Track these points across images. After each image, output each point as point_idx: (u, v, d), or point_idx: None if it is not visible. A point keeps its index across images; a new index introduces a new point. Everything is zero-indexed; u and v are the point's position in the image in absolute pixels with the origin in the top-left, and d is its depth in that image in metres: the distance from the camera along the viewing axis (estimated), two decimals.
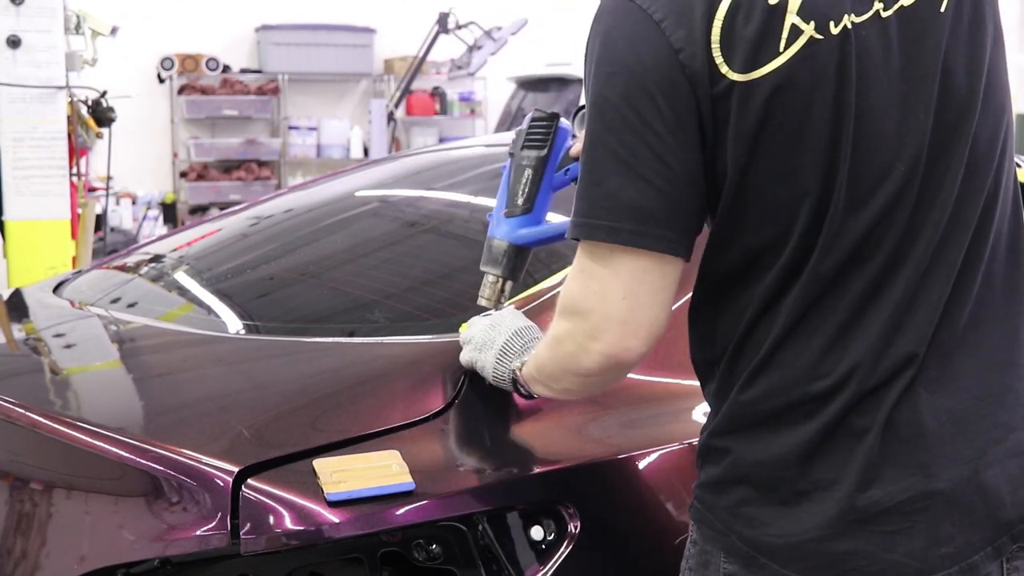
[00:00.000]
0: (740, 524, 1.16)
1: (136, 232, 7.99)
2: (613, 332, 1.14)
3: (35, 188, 4.28)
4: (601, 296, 1.13)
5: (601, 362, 1.16)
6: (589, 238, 1.13)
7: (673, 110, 1.09)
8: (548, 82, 7.86)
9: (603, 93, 1.12)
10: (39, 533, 1.48)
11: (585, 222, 1.13)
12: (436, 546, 1.34)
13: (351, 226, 2.37)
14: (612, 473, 1.49)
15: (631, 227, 1.10)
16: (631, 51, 1.10)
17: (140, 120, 8.59)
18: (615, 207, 1.11)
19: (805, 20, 1.09)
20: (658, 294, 1.13)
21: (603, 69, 1.13)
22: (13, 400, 1.56)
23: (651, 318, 1.14)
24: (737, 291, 1.17)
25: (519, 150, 1.55)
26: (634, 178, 1.10)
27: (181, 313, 2.08)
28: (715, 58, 1.08)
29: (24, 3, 4.17)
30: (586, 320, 1.15)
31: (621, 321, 1.13)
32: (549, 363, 1.28)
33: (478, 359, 1.46)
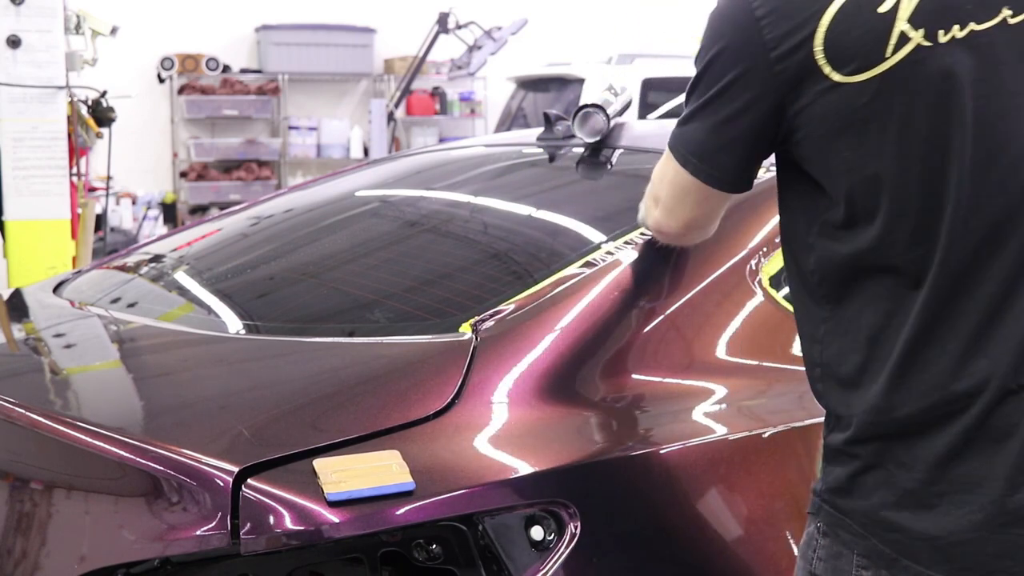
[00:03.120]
0: (880, 528, 1.19)
1: (136, 232, 8.00)
2: (663, 211, 1.44)
3: (35, 188, 4.28)
4: (661, 184, 1.43)
5: (653, 227, 1.50)
6: (672, 152, 1.37)
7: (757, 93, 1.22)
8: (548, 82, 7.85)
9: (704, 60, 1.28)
10: (39, 533, 1.48)
11: (673, 138, 1.36)
12: (436, 546, 1.34)
13: (351, 226, 2.37)
14: (612, 473, 1.49)
15: (694, 158, 1.32)
16: (730, 35, 1.24)
17: (140, 120, 8.60)
18: (691, 141, 1.32)
19: (915, 27, 1.15)
20: (694, 206, 1.39)
21: (707, 42, 1.28)
22: (13, 400, 1.56)
23: (686, 217, 1.42)
24: (857, 295, 1.22)
25: None
26: (709, 130, 1.29)
27: (181, 313, 2.08)
28: (817, 59, 1.17)
29: (24, 3, 4.17)
30: (654, 188, 1.47)
31: (667, 209, 1.43)
32: (641, 209, 1.61)
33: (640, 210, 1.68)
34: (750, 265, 1.84)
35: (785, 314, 1.86)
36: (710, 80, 1.26)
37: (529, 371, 1.58)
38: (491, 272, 1.98)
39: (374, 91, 9.94)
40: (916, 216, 1.16)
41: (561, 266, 1.80)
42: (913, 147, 1.15)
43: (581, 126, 2.27)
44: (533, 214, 2.22)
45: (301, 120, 9.77)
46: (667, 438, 1.59)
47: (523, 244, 2.09)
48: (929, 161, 1.15)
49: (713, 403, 1.68)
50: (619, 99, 2.38)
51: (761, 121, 1.24)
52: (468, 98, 10.26)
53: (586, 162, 2.32)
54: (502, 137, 3.52)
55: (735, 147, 1.28)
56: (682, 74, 7.25)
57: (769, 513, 1.62)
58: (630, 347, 1.68)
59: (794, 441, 1.70)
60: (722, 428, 1.65)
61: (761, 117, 1.23)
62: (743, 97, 1.23)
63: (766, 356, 1.81)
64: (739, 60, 1.22)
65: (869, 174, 1.17)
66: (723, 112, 1.25)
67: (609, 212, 2.13)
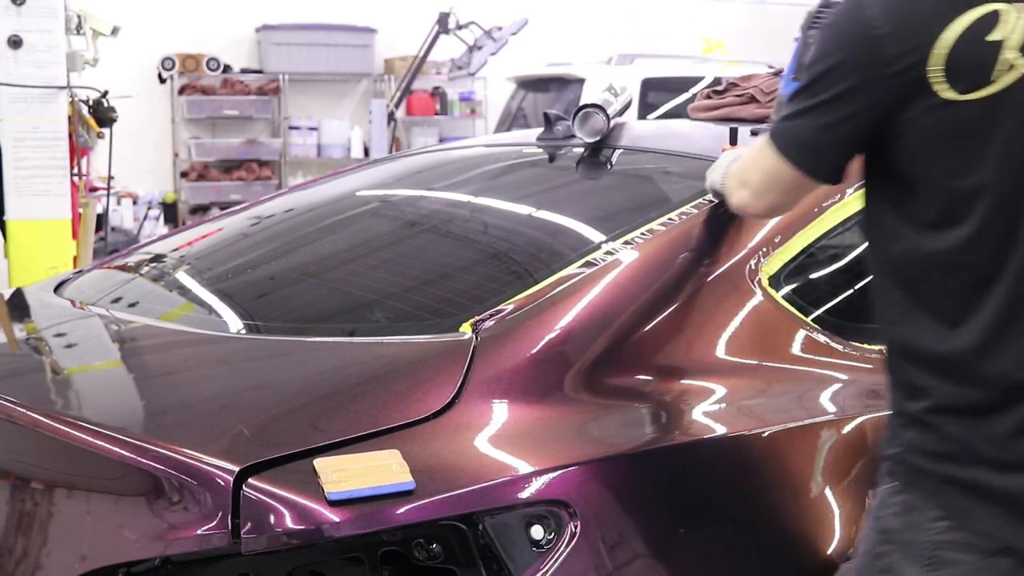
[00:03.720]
0: (957, 484, 1.36)
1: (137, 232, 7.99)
2: (749, 194, 1.58)
3: (36, 188, 4.28)
4: (753, 170, 1.56)
5: (737, 205, 1.64)
6: (771, 141, 1.50)
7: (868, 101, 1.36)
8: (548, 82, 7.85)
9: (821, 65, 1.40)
10: (40, 532, 1.49)
11: (776, 131, 1.49)
12: (436, 545, 1.34)
13: (351, 226, 2.37)
14: (612, 473, 1.49)
15: (795, 151, 1.46)
16: (848, 48, 1.37)
17: (141, 120, 8.59)
18: (796, 136, 1.46)
19: (1022, 55, 1.31)
20: (784, 192, 1.53)
21: (825, 49, 1.41)
22: (14, 400, 1.56)
23: (772, 202, 1.57)
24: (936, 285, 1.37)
25: (806, 29, 1.81)
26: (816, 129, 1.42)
27: (182, 313, 2.08)
28: (931, 78, 1.32)
29: (25, 3, 4.17)
30: (742, 173, 1.61)
31: (756, 193, 1.56)
32: (726, 182, 1.73)
33: (711, 179, 1.86)
34: (750, 265, 1.85)
35: (785, 314, 1.86)
36: (823, 86, 1.39)
37: (529, 371, 1.58)
38: (491, 272, 1.98)
39: (374, 91, 9.94)
40: (1004, 222, 1.33)
41: (561, 266, 1.81)
42: (1013, 161, 1.32)
43: (581, 126, 2.27)
44: (533, 214, 2.22)
45: (301, 120, 9.76)
46: (667, 438, 1.59)
47: (523, 244, 2.09)
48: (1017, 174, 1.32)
49: (713, 403, 1.69)
50: (619, 99, 2.39)
51: (866, 127, 1.39)
52: (468, 98, 10.25)
53: (586, 162, 2.32)
54: (502, 137, 3.53)
55: (838, 147, 1.43)
56: (682, 74, 7.27)
57: (768, 512, 1.63)
58: (630, 347, 1.68)
59: (794, 440, 1.70)
60: (722, 428, 1.66)
61: (867, 124, 1.38)
62: (853, 105, 1.37)
63: (766, 356, 1.81)
64: (855, 72, 1.36)
65: (969, 183, 1.33)
66: (832, 115, 1.39)
67: (609, 212, 2.14)
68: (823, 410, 1.78)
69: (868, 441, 1.78)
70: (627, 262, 1.78)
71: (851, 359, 1.91)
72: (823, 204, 2.00)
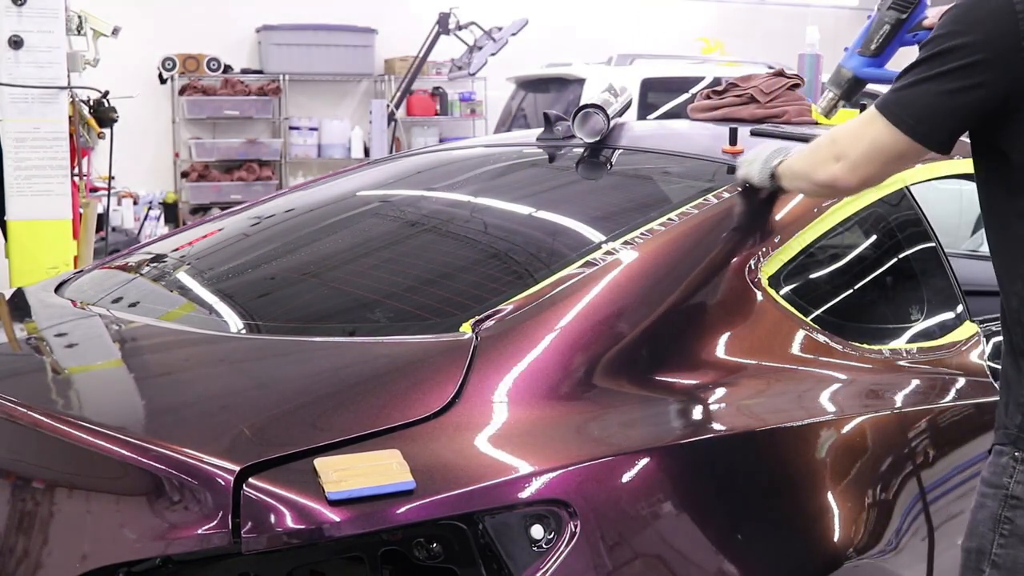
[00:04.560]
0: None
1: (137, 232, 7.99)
2: (846, 166, 1.65)
3: (37, 188, 4.29)
4: (855, 142, 1.64)
5: (826, 179, 1.69)
6: (882, 112, 1.58)
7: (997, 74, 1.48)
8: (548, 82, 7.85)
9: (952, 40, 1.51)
10: (41, 532, 1.49)
11: (889, 101, 1.58)
12: (436, 545, 1.34)
13: (352, 226, 2.37)
14: (612, 473, 1.49)
15: (911, 118, 1.55)
16: (986, 23, 1.48)
17: (142, 120, 8.59)
18: (914, 103, 1.55)
19: None
20: (885, 163, 1.62)
21: (958, 26, 1.51)
22: (15, 399, 1.56)
23: (870, 173, 1.64)
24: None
25: (886, 8, 1.95)
26: (940, 94, 1.52)
27: (182, 312, 2.08)
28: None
29: (26, 4, 4.17)
30: (837, 148, 1.67)
31: (853, 165, 1.64)
32: (799, 164, 1.81)
33: (748, 171, 1.93)
34: (750, 265, 1.85)
35: (785, 314, 1.87)
36: (954, 56, 1.50)
37: (529, 371, 1.59)
38: (491, 272, 1.98)
39: (375, 91, 9.94)
40: None
41: (561, 266, 1.81)
42: None
43: (581, 126, 2.27)
44: (533, 214, 2.22)
45: (302, 120, 9.77)
46: (666, 438, 1.59)
47: (523, 244, 2.09)
48: None
49: (713, 402, 1.69)
50: (619, 99, 2.39)
51: (991, 97, 1.49)
52: (468, 98, 10.25)
53: (586, 162, 2.32)
54: (502, 137, 3.53)
55: (956, 113, 1.52)
56: (681, 74, 7.27)
57: (768, 512, 1.63)
58: (630, 347, 1.68)
59: (793, 440, 1.70)
60: (721, 427, 1.66)
61: (993, 94, 1.49)
62: (984, 75, 1.48)
63: (766, 356, 1.81)
64: (991, 45, 1.48)
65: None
66: (959, 82, 1.50)
67: (609, 212, 2.14)
68: (823, 410, 1.78)
69: (868, 441, 1.78)
70: (627, 262, 1.78)
71: (851, 359, 1.92)
72: (823, 204, 2.00)
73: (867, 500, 1.73)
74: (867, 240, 2.20)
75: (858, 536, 1.68)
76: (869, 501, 1.73)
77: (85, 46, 4.49)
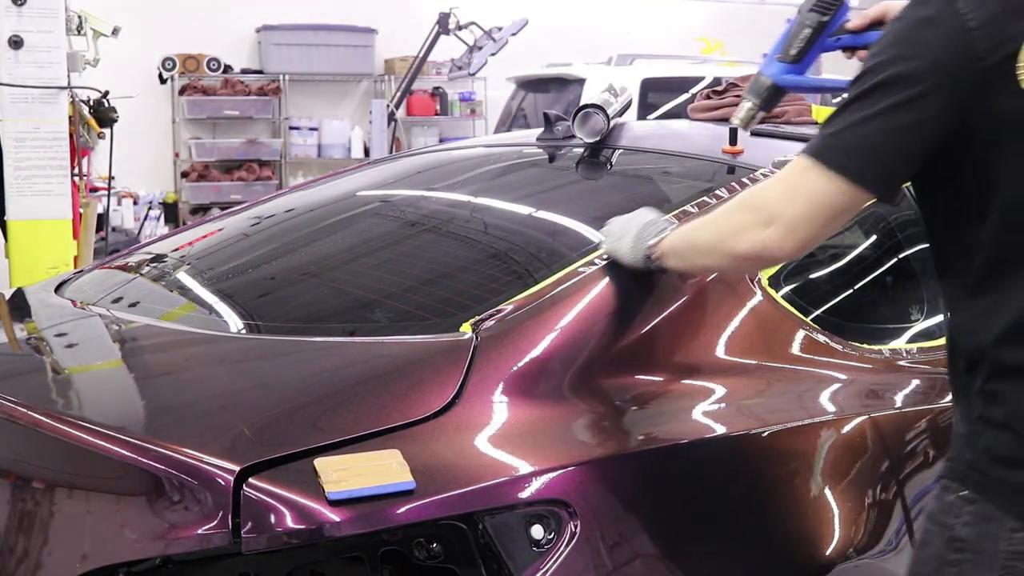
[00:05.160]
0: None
1: (137, 232, 7.99)
2: (779, 230, 1.38)
3: (37, 188, 4.29)
4: (789, 200, 1.37)
5: (755, 249, 1.41)
6: (819, 160, 1.34)
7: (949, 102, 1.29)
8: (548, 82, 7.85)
9: (895, 67, 1.30)
10: (41, 532, 1.49)
11: (826, 147, 1.35)
12: (437, 545, 1.34)
13: (352, 226, 2.37)
14: (612, 473, 1.49)
15: (856, 163, 1.32)
16: (936, 43, 1.29)
17: (142, 120, 8.59)
18: (860, 146, 1.32)
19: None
20: (829, 220, 1.37)
21: (902, 49, 1.31)
22: (15, 399, 1.56)
23: (811, 234, 1.38)
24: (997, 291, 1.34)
25: (807, 10, 1.76)
26: (888, 133, 1.30)
27: (182, 312, 2.08)
28: (1018, 74, 1.28)
29: (26, 4, 4.17)
30: (764, 212, 1.39)
31: (789, 226, 1.37)
32: (705, 239, 1.54)
33: (616, 247, 1.71)
34: None
35: (785, 314, 1.87)
36: (901, 87, 1.29)
37: (529, 371, 1.58)
38: (491, 272, 1.98)
39: (375, 91, 9.94)
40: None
41: (561, 266, 1.81)
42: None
43: (581, 126, 2.27)
44: (533, 214, 2.22)
45: (302, 120, 9.77)
46: (667, 437, 1.59)
47: (523, 244, 2.09)
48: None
49: (712, 402, 1.69)
50: (619, 100, 2.39)
51: (946, 128, 1.30)
52: (468, 98, 10.25)
53: (586, 162, 2.32)
54: (502, 137, 3.53)
55: (911, 153, 1.32)
56: (681, 74, 7.27)
57: (768, 512, 1.63)
58: (630, 347, 1.68)
59: (794, 440, 1.70)
60: (721, 428, 1.66)
61: (948, 125, 1.30)
62: (938, 104, 1.28)
63: (766, 356, 1.81)
64: (944, 68, 1.28)
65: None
66: (911, 118, 1.29)
67: (609, 212, 2.13)
68: (823, 410, 1.78)
69: (868, 441, 1.78)
70: None
71: (851, 359, 1.92)
72: None
73: (867, 500, 1.73)
74: (867, 240, 2.20)
75: (858, 536, 1.68)
76: (869, 501, 1.73)
77: (85, 46, 4.49)
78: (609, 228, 1.77)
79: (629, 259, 1.68)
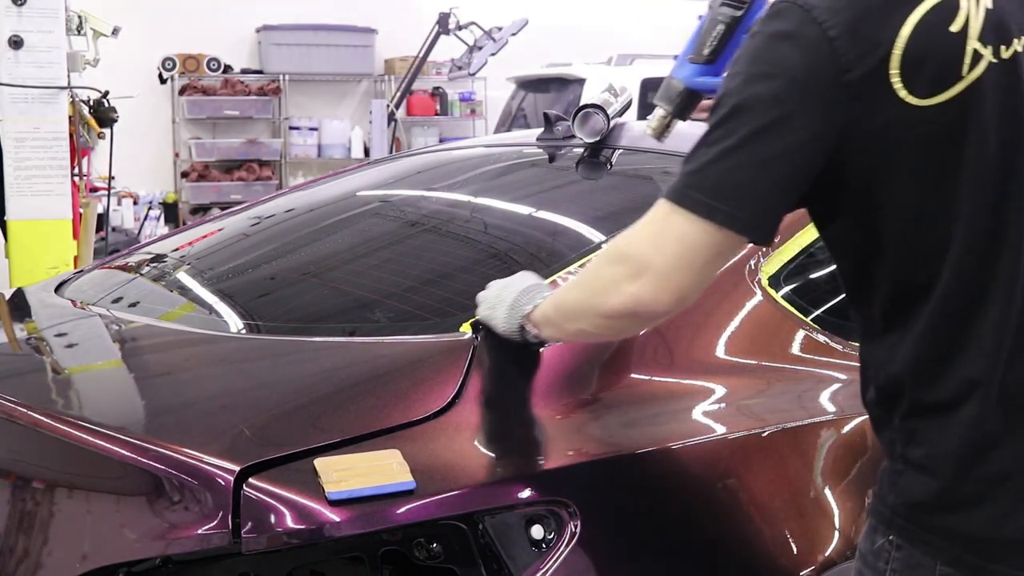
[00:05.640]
0: (963, 539, 1.20)
1: (137, 232, 7.99)
2: (651, 281, 1.21)
3: (37, 188, 4.29)
4: (657, 248, 1.20)
5: (627, 304, 1.23)
6: (683, 206, 1.18)
7: (818, 123, 1.14)
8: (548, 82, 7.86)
9: (753, 88, 1.16)
10: (41, 532, 1.49)
11: (688, 187, 1.19)
12: (437, 545, 1.34)
13: (352, 226, 2.37)
14: (612, 472, 1.49)
15: (726, 204, 1.16)
16: (795, 59, 1.14)
17: (142, 120, 8.59)
18: (724, 184, 1.16)
19: (984, 45, 1.14)
20: (704, 267, 1.20)
21: (759, 68, 1.16)
22: (15, 399, 1.56)
23: (688, 284, 1.21)
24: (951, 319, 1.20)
25: (719, 5, 1.60)
26: (756, 167, 1.15)
27: (182, 313, 2.08)
28: (893, 83, 1.13)
29: (26, 4, 4.17)
30: (632, 263, 1.23)
31: (662, 276, 1.20)
32: (574, 300, 1.37)
33: (490, 315, 1.55)
34: (750, 265, 1.85)
35: (784, 314, 1.87)
36: (761, 109, 1.14)
37: (529, 371, 1.59)
38: (491, 272, 1.98)
39: (375, 91, 9.95)
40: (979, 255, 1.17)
41: (561, 266, 1.81)
42: (986, 166, 1.15)
43: (581, 126, 2.27)
44: (533, 214, 2.22)
45: (302, 120, 9.77)
46: (667, 438, 1.59)
47: (523, 244, 2.09)
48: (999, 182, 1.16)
49: (712, 402, 1.69)
50: (619, 100, 2.39)
51: (821, 154, 1.15)
52: (468, 98, 10.26)
53: (586, 162, 2.32)
54: (502, 137, 3.53)
55: (785, 187, 1.17)
56: None
57: (769, 512, 1.63)
58: (630, 347, 1.68)
59: (793, 440, 1.70)
60: (721, 427, 1.66)
61: (822, 149, 1.15)
62: (806, 127, 1.14)
63: (766, 356, 1.81)
64: (806, 86, 1.13)
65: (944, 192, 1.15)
66: (779, 145, 1.14)
67: (609, 212, 2.14)
68: (823, 410, 1.78)
69: (868, 441, 1.78)
70: None
71: (851, 359, 1.91)
72: None
73: (867, 500, 1.73)
74: None
75: (858, 536, 1.68)
76: (869, 501, 1.73)
77: (85, 46, 4.49)
78: (485, 294, 1.60)
79: (503, 330, 1.53)
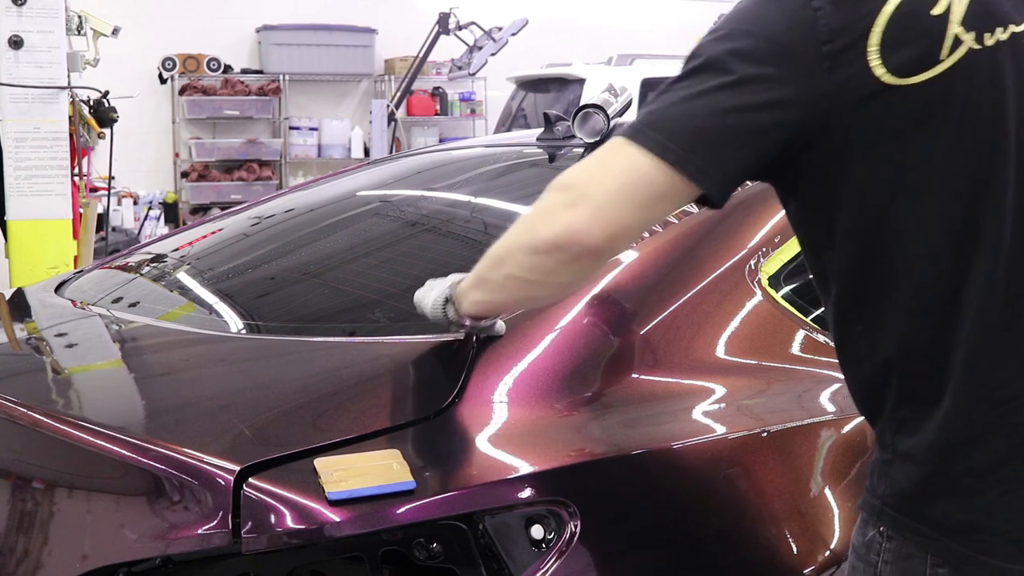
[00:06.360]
0: (952, 529, 1.19)
1: (137, 232, 8.00)
2: (587, 210, 1.15)
3: (37, 188, 4.29)
4: (600, 178, 1.16)
5: (558, 233, 1.17)
6: (636, 141, 1.14)
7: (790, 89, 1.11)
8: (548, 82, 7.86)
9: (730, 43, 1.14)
10: (41, 532, 1.49)
11: (642, 129, 1.15)
12: (437, 545, 1.34)
13: (352, 226, 2.37)
14: (612, 473, 1.49)
15: (678, 146, 1.12)
16: (778, 21, 1.13)
17: (142, 120, 8.61)
18: (682, 127, 1.13)
19: (967, 30, 1.13)
20: (644, 207, 1.15)
21: (741, 25, 1.15)
22: (15, 399, 1.57)
23: (623, 221, 1.15)
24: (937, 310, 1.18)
25: None
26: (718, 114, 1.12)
27: (182, 313, 2.08)
28: (871, 61, 1.11)
29: (26, 4, 4.18)
30: (572, 192, 1.18)
31: (598, 207, 1.14)
32: (505, 240, 1.31)
33: (421, 303, 1.56)
34: (749, 265, 1.85)
35: (785, 314, 1.87)
36: (735, 64, 1.11)
37: (529, 371, 1.59)
38: None
39: (375, 91, 9.95)
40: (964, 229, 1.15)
41: None
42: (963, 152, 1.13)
43: (581, 126, 2.27)
44: None
45: (302, 120, 9.78)
46: (667, 438, 1.59)
47: None
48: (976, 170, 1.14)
49: (713, 402, 1.69)
50: (619, 100, 2.39)
51: (789, 121, 1.12)
52: (468, 98, 10.27)
53: None
54: (502, 137, 3.53)
55: (747, 142, 1.12)
56: None
57: (768, 512, 1.63)
58: (630, 347, 1.68)
59: (794, 440, 1.70)
60: (721, 428, 1.66)
61: (791, 117, 1.12)
62: (777, 88, 1.11)
63: (766, 356, 1.81)
64: (783, 48, 1.11)
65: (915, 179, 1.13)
66: (746, 100, 1.10)
67: None
68: (823, 410, 1.78)
69: (868, 441, 1.78)
70: (627, 262, 1.78)
71: None
72: None
73: None
74: None
75: None
76: None
77: (85, 46, 4.49)
78: (420, 290, 1.60)
79: (430, 311, 1.53)
